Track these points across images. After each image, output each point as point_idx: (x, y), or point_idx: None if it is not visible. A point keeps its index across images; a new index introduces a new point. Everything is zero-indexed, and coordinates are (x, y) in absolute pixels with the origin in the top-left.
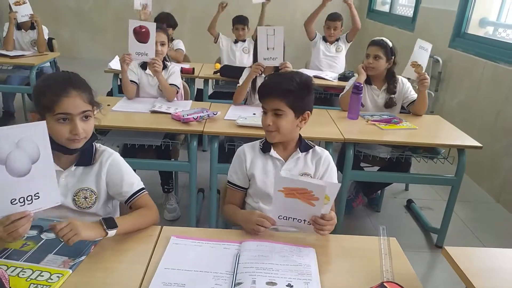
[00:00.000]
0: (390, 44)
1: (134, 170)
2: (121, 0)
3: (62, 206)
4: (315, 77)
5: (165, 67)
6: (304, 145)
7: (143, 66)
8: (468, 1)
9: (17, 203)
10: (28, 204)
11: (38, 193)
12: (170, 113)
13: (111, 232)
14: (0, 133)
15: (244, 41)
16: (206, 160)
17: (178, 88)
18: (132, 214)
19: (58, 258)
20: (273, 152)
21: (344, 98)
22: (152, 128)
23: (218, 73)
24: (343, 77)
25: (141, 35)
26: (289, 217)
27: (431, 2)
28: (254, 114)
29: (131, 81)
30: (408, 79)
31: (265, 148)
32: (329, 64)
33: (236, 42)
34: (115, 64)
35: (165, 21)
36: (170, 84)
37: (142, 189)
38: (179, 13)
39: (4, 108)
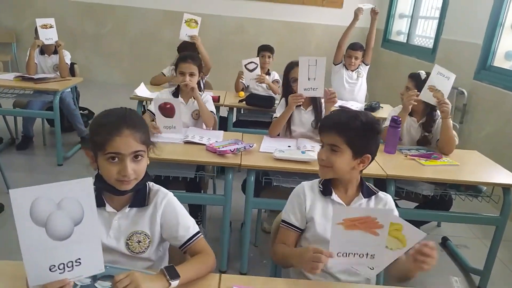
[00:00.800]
0: (423, 76)
1: None
2: (138, 26)
3: (114, 250)
4: (341, 106)
5: None
6: (367, 190)
7: (175, 94)
8: (494, 35)
9: (56, 270)
10: (68, 271)
11: (79, 259)
12: (203, 144)
13: (174, 283)
14: (41, 192)
15: (268, 74)
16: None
17: (215, 115)
18: (191, 261)
19: None
20: (334, 196)
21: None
22: (188, 161)
23: (244, 102)
24: (370, 108)
25: (167, 111)
26: (349, 253)
27: (453, 34)
28: (289, 146)
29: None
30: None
31: (326, 191)
32: (351, 91)
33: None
34: (141, 91)
35: (190, 49)
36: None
37: (198, 232)
38: None
39: (24, 132)
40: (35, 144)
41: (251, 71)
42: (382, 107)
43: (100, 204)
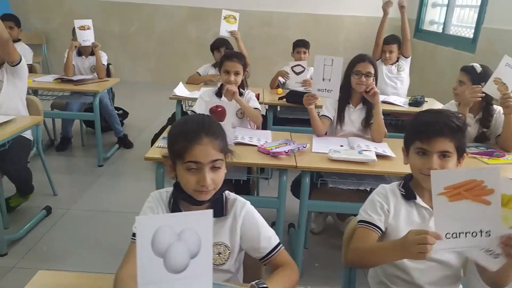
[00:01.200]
0: (479, 69)
1: None
2: (164, 24)
3: None
4: (384, 102)
5: (241, 94)
6: None
7: (218, 93)
8: None
9: None
10: None
11: None
12: (254, 145)
13: None
14: (165, 221)
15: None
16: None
17: (261, 111)
18: (278, 275)
19: None
20: (419, 200)
21: None
22: (242, 163)
23: (284, 99)
24: (415, 103)
25: (218, 114)
26: (460, 233)
27: (496, 23)
28: (341, 146)
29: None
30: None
31: (409, 195)
32: (393, 86)
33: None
34: (180, 91)
35: (223, 47)
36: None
37: (279, 243)
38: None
39: (62, 134)
40: (73, 145)
41: (297, 74)
42: (426, 101)
43: None
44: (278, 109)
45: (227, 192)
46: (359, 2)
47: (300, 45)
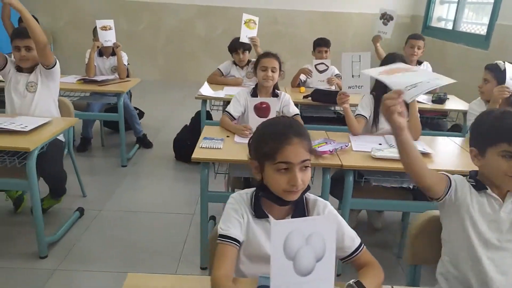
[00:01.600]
0: (503, 67)
1: None
2: (172, 22)
3: None
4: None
5: (276, 95)
6: None
7: (254, 94)
8: None
9: None
10: None
11: None
12: None
13: None
14: (296, 225)
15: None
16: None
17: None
18: (369, 274)
19: None
20: (489, 191)
21: None
22: None
23: (308, 98)
24: (439, 100)
25: (262, 111)
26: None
27: (510, 20)
28: (380, 144)
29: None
30: None
31: (480, 185)
32: None
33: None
34: (205, 90)
35: (241, 47)
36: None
37: (362, 243)
38: None
39: (83, 134)
40: (93, 145)
41: (320, 72)
42: (448, 98)
43: (262, 215)
44: (299, 107)
45: (306, 193)
46: None
47: (322, 44)
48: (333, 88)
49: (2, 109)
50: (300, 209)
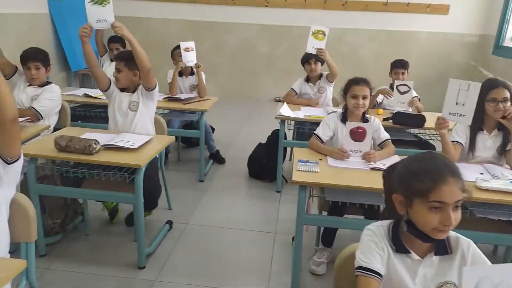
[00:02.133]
0: None
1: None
2: (235, 41)
3: None
4: None
5: (366, 120)
6: None
7: (343, 119)
8: None
9: None
10: None
11: None
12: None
13: None
14: (485, 273)
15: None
16: None
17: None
18: None
19: None
20: None
21: None
22: (378, 189)
23: (389, 120)
24: None
25: (358, 135)
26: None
27: None
28: (481, 174)
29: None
30: None
31: None
32: None
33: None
34: (285, 110)
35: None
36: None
37: None
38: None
39: None
40: (169, 161)
41: (402, 93)
42: None
43: (403, 250)
44: None
45: None
46: (435, 18)
47: (399, 66)
48: (410, 110)
49: (101, 124)
50: (442, 246)
